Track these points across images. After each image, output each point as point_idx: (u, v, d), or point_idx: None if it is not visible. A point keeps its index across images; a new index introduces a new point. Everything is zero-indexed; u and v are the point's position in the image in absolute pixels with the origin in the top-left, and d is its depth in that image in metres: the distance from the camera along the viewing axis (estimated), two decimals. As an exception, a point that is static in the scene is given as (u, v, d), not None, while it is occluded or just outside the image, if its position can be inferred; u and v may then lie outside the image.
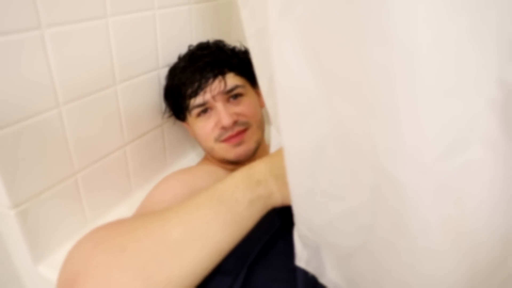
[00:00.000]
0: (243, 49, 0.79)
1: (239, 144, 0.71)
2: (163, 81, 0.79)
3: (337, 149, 0.30)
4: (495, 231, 0.25)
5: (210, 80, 0.70)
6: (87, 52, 0.59)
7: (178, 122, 0.86)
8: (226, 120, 0.68)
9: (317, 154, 0.31)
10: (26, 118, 0.52)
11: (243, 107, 0.72)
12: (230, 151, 0.72)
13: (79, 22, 0.56)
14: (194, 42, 0.81)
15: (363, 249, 0.34)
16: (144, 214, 0.41)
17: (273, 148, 0.47)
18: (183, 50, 0.79)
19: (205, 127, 0.72)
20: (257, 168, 0.42)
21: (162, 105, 0.81)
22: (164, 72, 0.78)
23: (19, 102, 0.51)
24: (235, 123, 0.70)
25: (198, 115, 0.72)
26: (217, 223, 0.38)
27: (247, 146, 0.72)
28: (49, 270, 0.59)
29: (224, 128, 0.70)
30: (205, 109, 0.72)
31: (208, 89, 0.70)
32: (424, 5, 0.21)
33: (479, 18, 0.21)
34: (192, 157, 0.95)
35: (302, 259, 0.43)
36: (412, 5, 0.21)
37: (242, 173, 0.42)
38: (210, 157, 0.80)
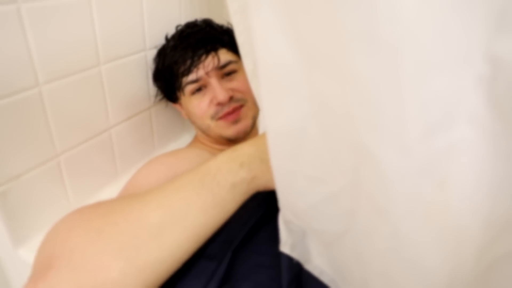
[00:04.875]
0: (231, 27, 0.77)
1: (236, 121, 0.70)
2: (150, 63, 0.77)
3: (319, 128, 0.28)
4: (480, 215, 0.24)
5: (203, 57, 0.68)
6: (69, 30, 0.57)
7: (169, 106, 0.85)
8: (222, 96, 0.67)
9: (299, 134, 0.30)
10: (4, 96, 0.50)
11: (237, 82, 0.71)
12: (228, 129, 0.71)
13: (59, -2, 0.53)
14: (183, 22, 0.79)
15: (347, 234, 0.33)
16: (124, 196, 0.40)
17: (261, 130, 0.46)
18: (172, 31, 0.77)
19: (200, 104, 0.71)
20: (241, 150, 0.41)
21: (150, 88, 0.79)
22: (151, 54, 0.76)
23: (-4, 80, 0.49)
24: (231, 98, 0.69)
25: (192, 93, 0.71)
26: (197, 206, 0.37)
27: (244, 123, 0.71)
28: (30, 254, 0.58)
29: (220, 104, 0.69)
30: (199, 87, 0.70)
31: (201, 65, 0.68)
32: None
33: None
34: (184, 140, 0.93)
35: (287, 244, 0.42)
36: None
37: (225, 155, 0.41)
38: (202, 138, 0.78)
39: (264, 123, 0.45)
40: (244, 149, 0.41)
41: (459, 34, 0.21)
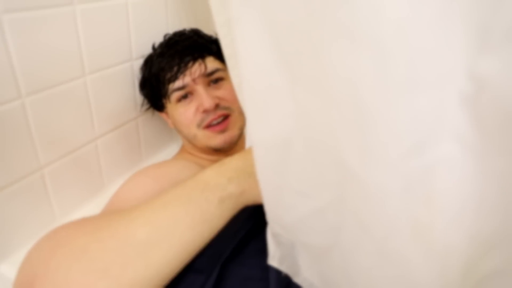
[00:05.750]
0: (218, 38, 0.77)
1: (223, 131, 0.70)
2: (137, 73, 0.76)
3: (304, 143, 0.28)
4: (466, 232, 0.24)
5: (190, 64, 0.68)
6: (52, 41, 0.56)
7: (156, 116, 0.84)
8: (208, 103, 0.66)
9: (284, 148, 0.30)
10: (-15, 109, 0.49)
11: (224, 91, 0.71)
12: (214, 138, 0.70)
13: (42, 9, 0.52)
14: (170, 32, 0.78)
15: (334, 249, 0.33)
16: (110, 212, 0.39)
17: (248, 142, 0.46)
18: (158, 41, 0.76)
19: (187, 112, 0.70)
20: (229, 164, 0.41)
21: (137, 98, 0.78)
22: (138, 64, 0.76)
23: (-24, 92, 0.48)
24: (217, 106, 0.68)
25: (178, 100, 0.70)
26: (185, 222, 0.36)
27: (231, 133, 0.71)
28: (12, 269, 0.56)
29: (206, 112, 0.68)
30: (185, 94, 0.70)
31: (188, 72, 0.68)
32: None
33: (447, 6, 0.20)
34: (172, 149, 0.92)
35: (275, 257, 0.41)
36: None
37: (213, 169, 0.40)
38: (189, 148, 0.78)
39: (250, 136, 0.45)
40: (232, 163, 0.41)
41: (442, 52, 0.21)
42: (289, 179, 0.32)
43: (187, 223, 0.36)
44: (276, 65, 0.27)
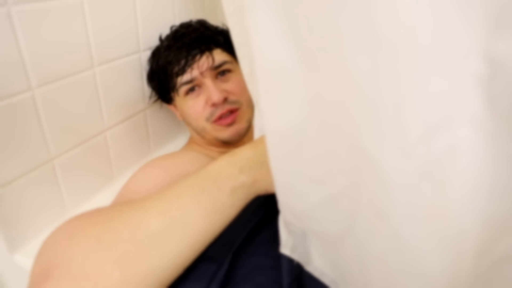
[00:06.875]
0: (226, 28, 0.77)
1: (231, 124, 0.70)
2: (145, 65, 0.76)
3: (318, 130, 0.28)
4: (480, 216, 0.24)
5: (197, 56, 0.68)
6: (61, 33, 0.56)
7: (164, 107, 0.84)
8: (216, 96, 0.66)
9: (298, 136, 0.30)
10: (-4, 101, 0.49)
11: (232, 84, 0.70)
12: (222, 131, 0.70)
13: (50, 0, 0.52)
14: (177, 23, 0.78)
15: (347, 236, 0.33)
16: (123, 203, 0.40)
17: (256, 132, 0.46)
18: (166, 32, 0.76)
19: (195, 105, 0.70)
20: (241, 154, 0.41)
21: (145, 89, 0.78)
22: (145, 55, 0.76)
23: (-12, 84, 0.48)
24: (225, 100, 0.68)
25: (186, 93, 0.70)
26: (198, 212, 0.36)
27: (239, 126, 0.71)
28: (26, 259, 0.57)
29: (215, 105, 0.68)
30: (193, 87, 0.70)
31: (195, 65, 0.68)
32: None
33: None
34: (181, 140, 0.93)
35: (287, 246, 0.42)
36: None
37: (224, 159, 0.40)
38: (197, 139, 0.78)
39: (261, 125, 0.45)
40: (243, 152, 0.41)
41: (458, 34, 0.21)
42: (303, 166, 0.32)
43: (200, 213, 0.36)
44: (290, 53, 0.26)
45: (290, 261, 0.41)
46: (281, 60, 0.27)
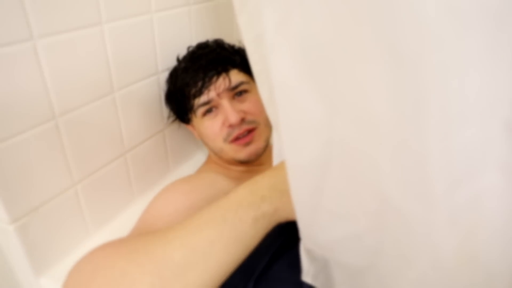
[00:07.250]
0: (242, 47, 0.77)
1: (248, 143, 0.70)
2: (163, 86, 0.77)
3: (341, 171, 0.28)
4: (509, 261, 0.23)
5: (214, 78, 0.68)
6: (83, 62, 0.57)
7: (182, 126, 0.85)
8: (234, 118, 0.67)
9: (320, 173, 0.29)
10: (22, 131, 0.51)
11: (249, 104, 0.71)
12: (240, 152, 0.70)
13: (73, 31, 0.54)
14: (194, 43, 0.79)
15: (371, 269, 0.32)
16: (145, 234, 0.40)
17: (275, 155, 0.46)
18: (183, 51, 0.77)
19: (213, 126, 0.70)
20: (261, 183, 0.41)
21: (163, 110, 0.79)
22: (163, 76, 0.77)
23: (14, 115, 0.49)
24: (243, 120, 0.69)
25: (204, 114, 0.71)
26: (220, 243, 0.36)
27: (257, 145, 0.71)
28: (51, 282, 0.58)
29: (232, 126, 0.68)
30: (210, 108, 0.70)
31: (212, 87, 0.68)
32: (435, 24, 0.19)
33: (492, 37, 0.19)
34: (199, 158, 0.93)
35: (309, 274, 0.41)
36: (423, 24, 0.19)
37: (245, 188, 0.40)
38: (215, 159, 0.78)
39: (279, 149, 0.45)
40: (264, 181, 0.41)
41: (485, 82, 0.20)
42: (326, 201, 0.31)
43: (222, 244, 0.36)
44: (312, 95, 0.26)
45: (312, 288, 0.41)
46: (302, 99, 0.27)
